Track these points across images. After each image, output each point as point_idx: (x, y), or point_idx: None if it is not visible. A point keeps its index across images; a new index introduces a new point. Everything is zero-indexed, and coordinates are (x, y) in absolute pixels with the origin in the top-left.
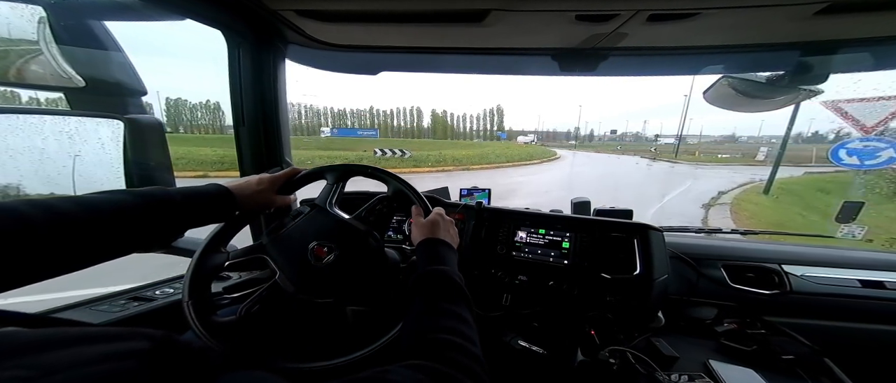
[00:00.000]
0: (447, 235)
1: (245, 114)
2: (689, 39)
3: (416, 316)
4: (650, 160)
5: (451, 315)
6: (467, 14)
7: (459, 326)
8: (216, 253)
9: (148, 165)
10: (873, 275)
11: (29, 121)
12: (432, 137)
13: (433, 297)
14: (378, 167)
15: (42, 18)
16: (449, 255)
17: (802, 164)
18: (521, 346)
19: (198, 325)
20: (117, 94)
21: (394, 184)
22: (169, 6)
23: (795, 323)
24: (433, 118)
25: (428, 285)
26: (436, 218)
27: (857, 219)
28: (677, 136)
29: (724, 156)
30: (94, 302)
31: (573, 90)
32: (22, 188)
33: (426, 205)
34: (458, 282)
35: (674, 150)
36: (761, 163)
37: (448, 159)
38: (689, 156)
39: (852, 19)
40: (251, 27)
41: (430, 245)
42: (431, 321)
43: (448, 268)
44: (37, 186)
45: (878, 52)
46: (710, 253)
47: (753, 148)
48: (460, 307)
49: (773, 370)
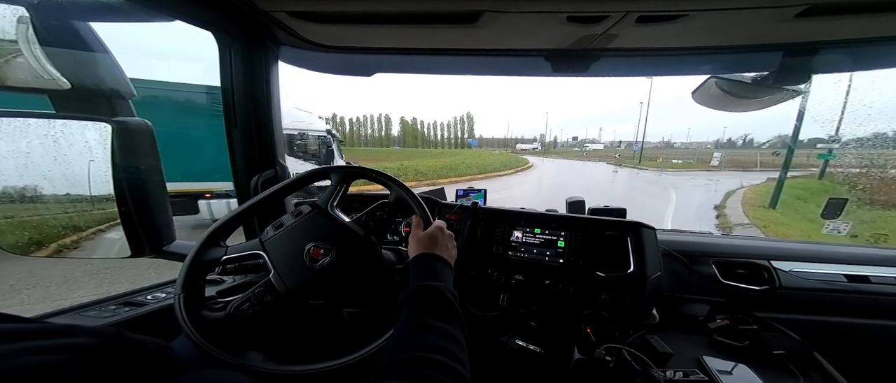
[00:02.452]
0: (444, 251)
1: (237, 116)
2: (677, 40)
3: (399, 332)
4: (616, 166)
5: (438, 331)
6: (460, 15)
7: (446, 344)
8: (216, 246)
9: (137, 169)
10: (859, 270)
11: (13, 124)
12: (402, 146)
13: (421, 313)
14: (383, 172)
15: (24, 18)
16: (444, 271)
17: (750, 169)
18: (518, 345)
19: (185, 319)
20: (104, 96)
21: (396, 190)
22: (157, 7)
23: (785, 317)
24: (403, 126)
25: (417, 300)
26: (435, 232)
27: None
28: (640, 143)
29: (677, 161)
30: (84, 308)
31: (539, 95)
32: (7, 192)
33: (428, 216)
34: (451, 298)
35: (634, 156)
36: (716, 169)
37: (409, 172)
38: (650, 162)
39: (831, 22)
40: (242, 28)
41: (425, 260)
42: (415, 337)
43: (441, 283)
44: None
45: (857, 53)
46: (701, 250)
47: (706, 154)
48: (450, 324)
49: (764, 364)
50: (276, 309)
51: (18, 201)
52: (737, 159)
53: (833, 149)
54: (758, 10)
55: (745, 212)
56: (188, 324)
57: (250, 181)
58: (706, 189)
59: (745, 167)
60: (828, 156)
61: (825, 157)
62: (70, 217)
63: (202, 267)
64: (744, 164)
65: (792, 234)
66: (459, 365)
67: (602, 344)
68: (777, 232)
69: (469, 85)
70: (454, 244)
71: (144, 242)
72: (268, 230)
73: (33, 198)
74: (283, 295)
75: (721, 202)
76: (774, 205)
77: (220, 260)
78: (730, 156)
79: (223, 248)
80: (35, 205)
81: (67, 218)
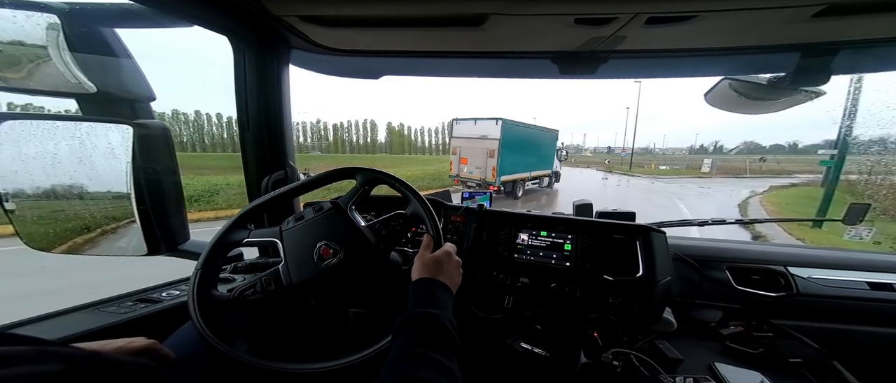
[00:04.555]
0: (448, 277)
1: (249, 119)
2: (688, 42)
3: (392, 362)
4: (606, 173)
5: (431, 363)
6: (467, 18)
7: (437, 377)
8: (242, 228)
9: (155, 170)
10: (882, 278)
11: (42, 126)
12: (389, 152)
13: (414, 342)
14: (406, 183)
15: (55, 26)
16: (444, 298)
17: (741, 175)
18: (523, 349)
19: (194, 295)
20: (126, 100)
21: (415, 205)
22: (177, 13)
23: (802, 325)
24: (389, 132)
25: (413, 328)
26: (442, 256)
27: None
28: (627, 149)
29: (664, 167)
30: (102, 304)
31: (527, 101)
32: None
33: (440, 238)
34: (448, 326)
35: (622, 162)
36: (707, 175)
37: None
38: (639, 169)
39: (851, 21)
40: (255, 33)
41: (426, 285)
42: (408, 371)
43: (439, 311)
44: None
45: (878, 53)
46: (713, 254)
47: (695, 160)
48: (446, 355)
49: (780, 373)
50: (278, 299)
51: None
52: (727, 166)
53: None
54: (773, 11)
55: (790, 232)
56: (195, 301)
57: (261, 182)
58: (712, 199)
59: (735, 174)
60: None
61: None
62: (92, 214)
63: (227, 246)
64: (734, 171)
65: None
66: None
67: (609, 348)
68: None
69: (457, 90)
70: (460, 272)
71: (161, 241)
72: (289, 220)
73: (63, 196)
74: (287, 287)
75: (745, 216)
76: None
77: (242, 241)
78: (721, 162)
79: (247, 231)
80: (61, 202)
81: (89, 215)
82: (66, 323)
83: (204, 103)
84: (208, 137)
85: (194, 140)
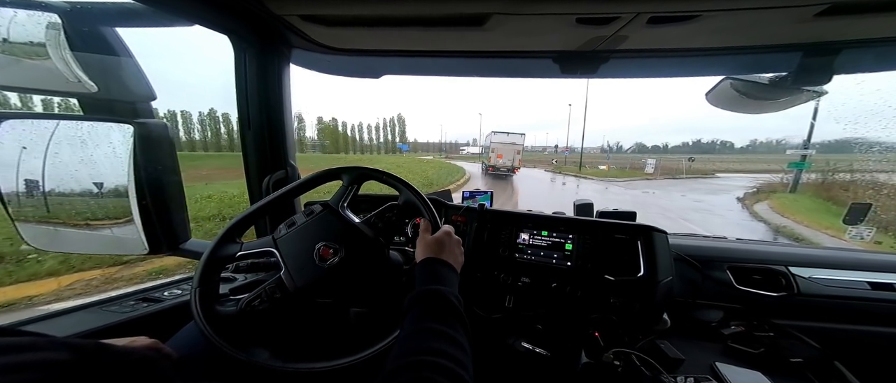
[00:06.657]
0: (451, 256)
1: (250, 118)
2: (690, 41)
3: (403, 337)
4: (553, 173)
5: (441, 336)
6: (468, 18)
7: (448, 348)
8: (231, 242)
9: (156, 169)
10: (883, 278)
11: (43, 125)
12: (321, 151)
13: (424, 317)
14: (394, 174)
15: (57, 25)
16: (449, 276)
17: (679, 176)
18: (524, 348)
19: (199, 313)
20: (127, 99)
21: (406, 193)
22: (178, 12)
23: (804, 325)
24: (321, 127)
25: (421, 304)
26: (442, 236)
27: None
28: (570, 148)
29: (602, 167)
30: (105, 303)
31: (473, 98)
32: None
33: (436, 220)
34: (454, 302)
35: (566, 161)
36: (651, 176)
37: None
38: (590, 170)
39: (853, 20)
40: (256, 32)
41: (431, 264)
42: (419, 342)
43: (445, 288)
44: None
45: (881, 52)
46: (715, 255)
47: (637, 160)
48: (454, 328)
49: (781, 373)
50: (286, 306)
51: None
52: (665, 166)
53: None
54: (775, 10)
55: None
56: (202, 319)
57: (262, 181)
58: (677, 199)
59: (673, 174)
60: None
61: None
62: (92, 212)
63: (218, 262)
64: (672, 171)
65: None
66: (462, 369)
67: (610, 348)
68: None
69: (401, 85)
70: (461, 250)
71: (162, 240)
72: (281, 228)
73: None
74: (293, 292)
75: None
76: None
77: (235, 256)
78: (660, 162)
79: (238, 245)
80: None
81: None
82: (68, 321)
83: (188, 103)
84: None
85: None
